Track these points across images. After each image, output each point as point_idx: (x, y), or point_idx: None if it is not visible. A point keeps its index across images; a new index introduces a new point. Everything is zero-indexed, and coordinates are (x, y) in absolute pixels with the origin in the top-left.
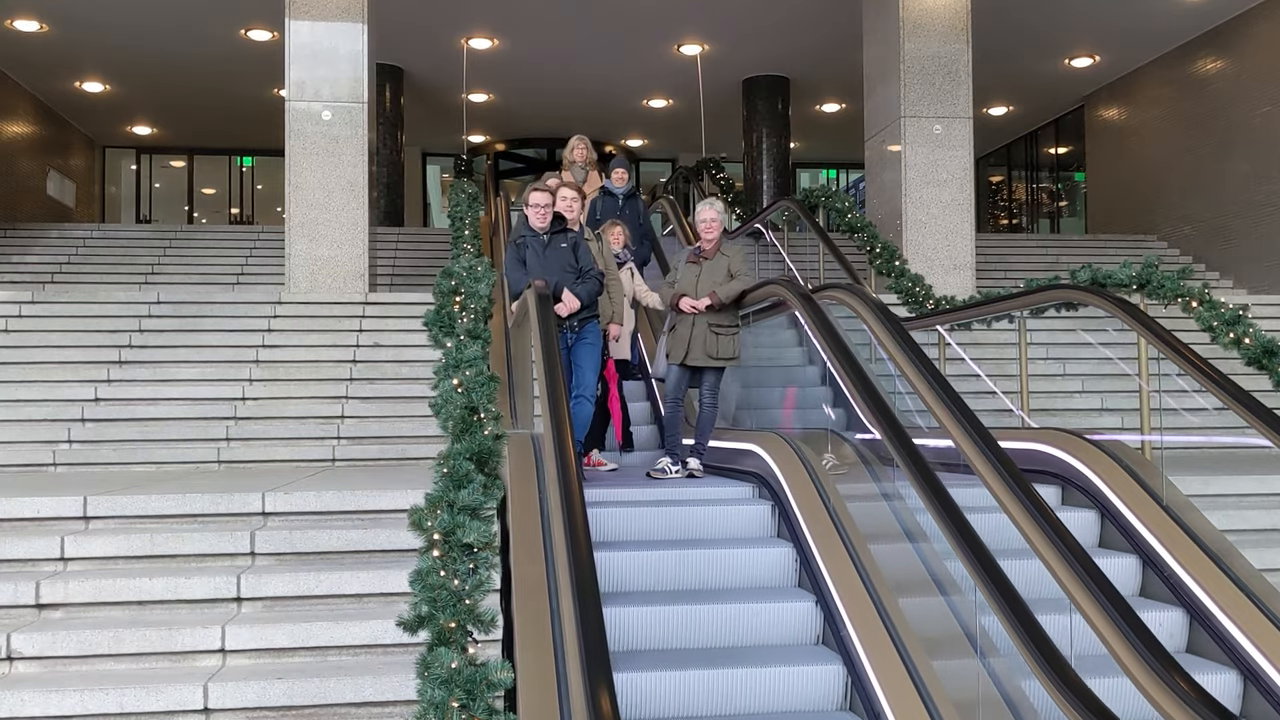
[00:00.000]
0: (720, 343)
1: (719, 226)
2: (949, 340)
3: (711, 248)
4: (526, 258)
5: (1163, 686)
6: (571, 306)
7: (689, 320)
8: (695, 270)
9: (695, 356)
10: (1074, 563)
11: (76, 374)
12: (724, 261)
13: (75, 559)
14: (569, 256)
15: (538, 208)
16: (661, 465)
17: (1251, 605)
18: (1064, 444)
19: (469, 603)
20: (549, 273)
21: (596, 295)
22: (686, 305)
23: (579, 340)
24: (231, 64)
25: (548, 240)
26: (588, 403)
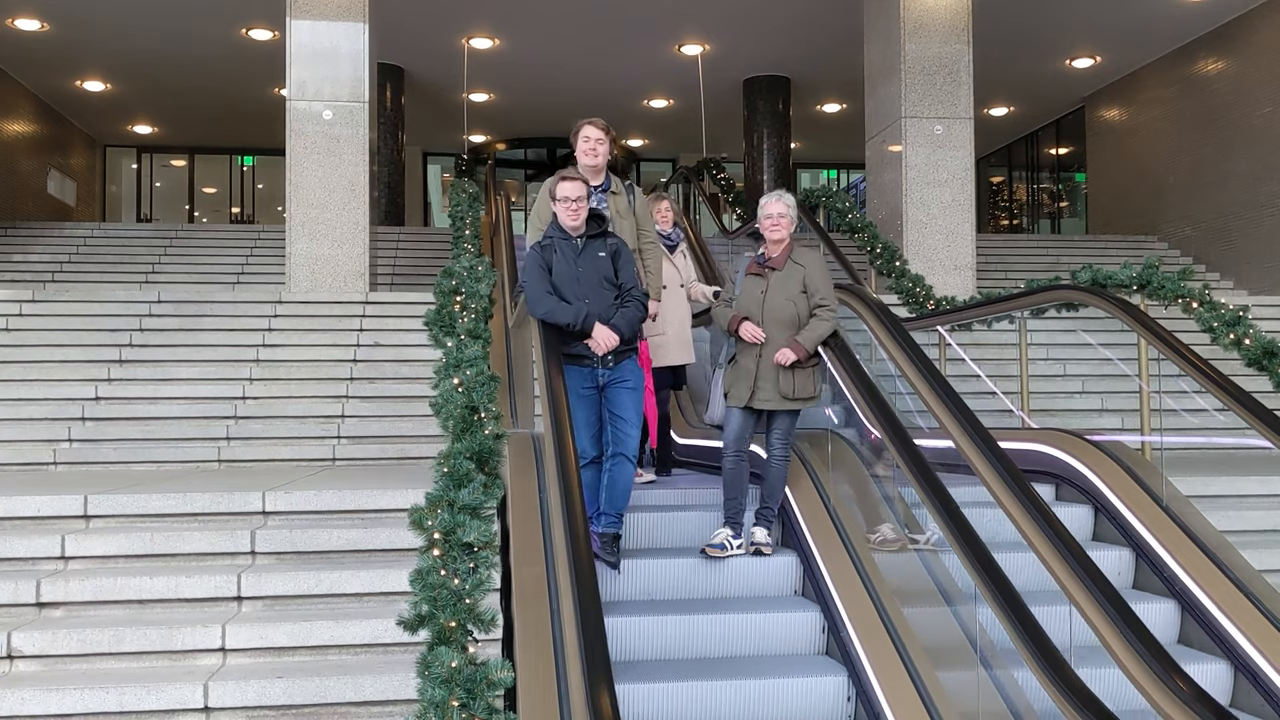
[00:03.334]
0: (798, 378)
1: (789, 225)
2: (949, 340)
3: (780, 255)
4: (554, 265)
5: (1156, 680)
6: (608, 344)
7: (753, 350)
8: (759, 285)
9: (764, 397)
10: (1074, 562)
11: (77, 373)
12: (797, 274)
13: (76, 558)
14: (607, 268)
15: (568, 202)
16: (719, 539)
17: (1245, 599)
18: (1064, 444)
19: (469, 602)
20: (582, 288)
21: (640, 324)
22: (749, 334)
23: (614, 382)
24: (232, 63)
25: (581, 246)
26: (629, 464)
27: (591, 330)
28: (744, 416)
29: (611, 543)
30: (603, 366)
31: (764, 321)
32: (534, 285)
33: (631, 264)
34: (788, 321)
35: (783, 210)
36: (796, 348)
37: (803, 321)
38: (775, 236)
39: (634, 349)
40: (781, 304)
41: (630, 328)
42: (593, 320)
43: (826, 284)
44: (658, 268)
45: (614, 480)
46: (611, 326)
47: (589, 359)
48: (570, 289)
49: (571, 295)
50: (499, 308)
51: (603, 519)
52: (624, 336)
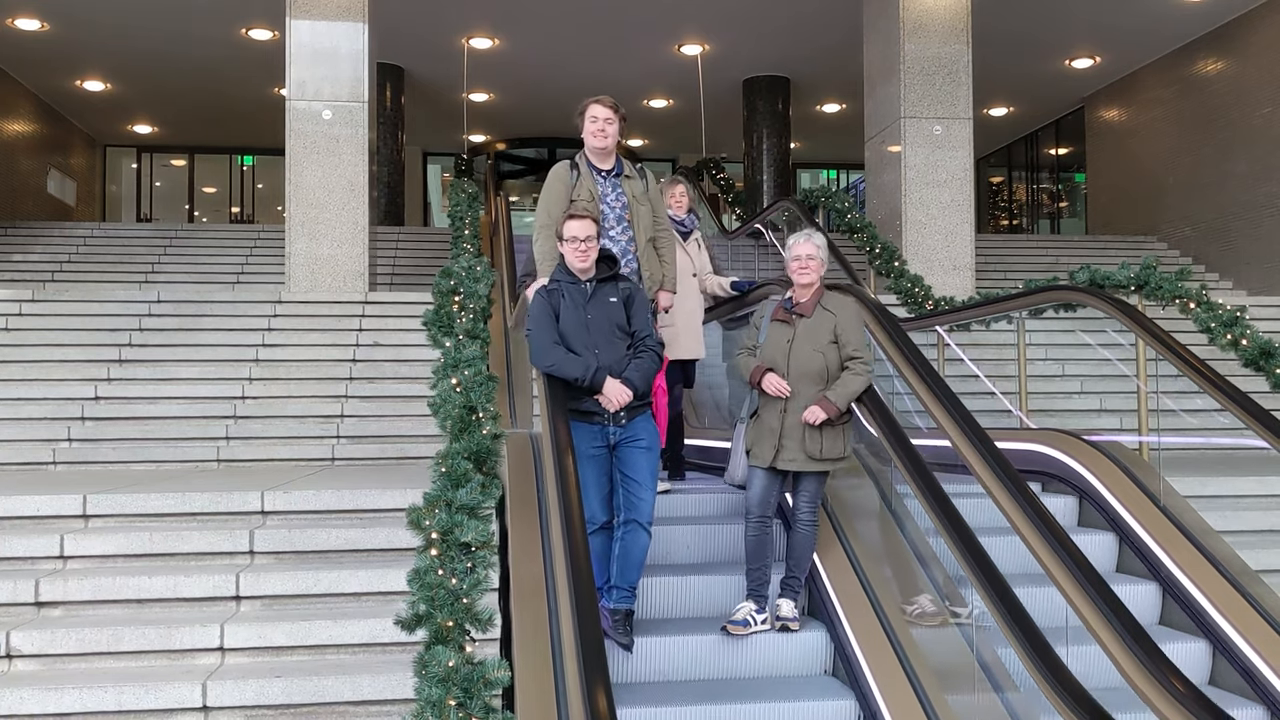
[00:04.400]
0: (827, 437)
1: (820, 268)
2: (948, 341)
3: (809, 300)
4: (561, 311)
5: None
6: (620, 400)
7: (777, 405)
8: (786, 332)
9: (789, 457)
10: (1075, 565)
11: (76, 373)
12: (827, 322)
13: (74, 557)
14: (619, 314)
15: (576, 242)
16: (742, 614)
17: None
18: (1062, 445)
19: (466, 601)
20: (592, 337)
21: (655, 376)
22: (773, 387)
23: (627, 441)
24: (232, 63)
25: (591, 290)
26: (643, 532)
27: (602, 385)
28: (768, 478)
29: (624, 620)
30: (614, 424)
31: (790, 374)
32: (539, 334)
33: (646, 309)
34: (816, 375)
35: (812, 252)
36: (826, 406)
37: (832, 375)
38: (804, 280)
39: (647, 403)
40: (809, 355)
41: (645, 381)
42: (603, 374)
43: (860, 334)
44: (673, 258)
45: (626, 550)
46: (624, 380)
47: (599, 416)
48: (578, 338)
49: (580, 345)
50: (498, 307)
51: (614, 593)
52: (637, 391)
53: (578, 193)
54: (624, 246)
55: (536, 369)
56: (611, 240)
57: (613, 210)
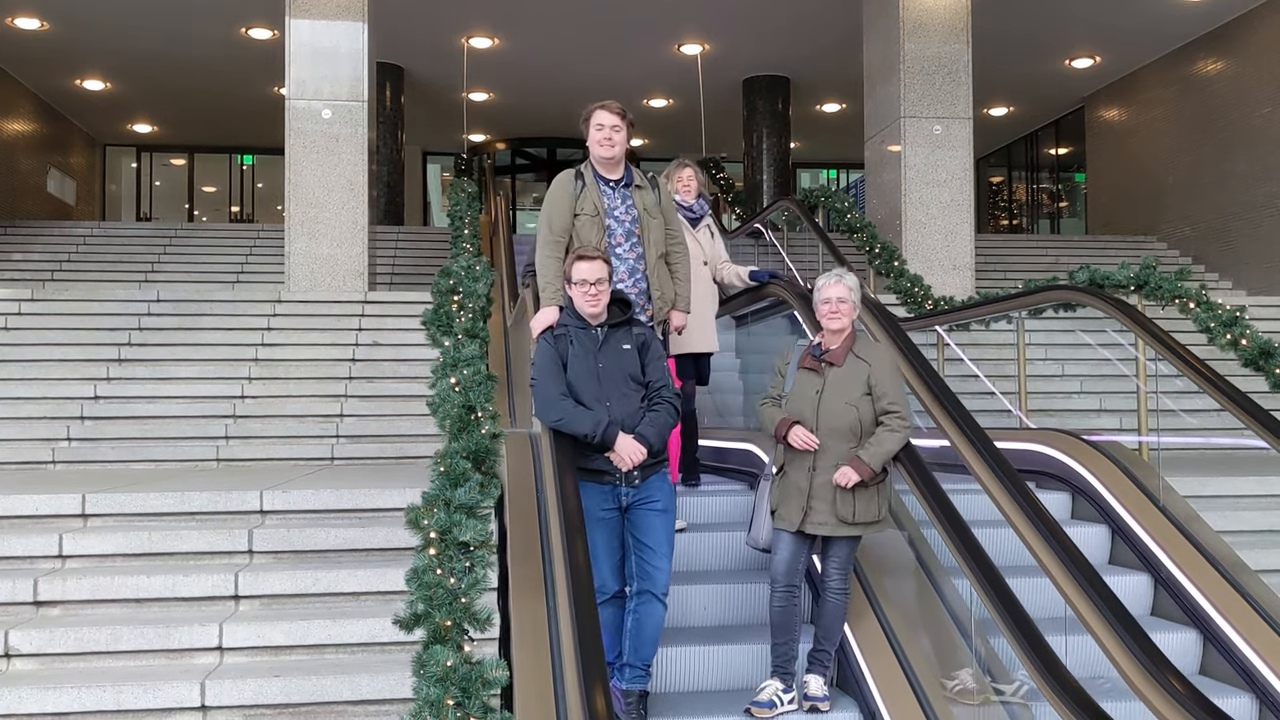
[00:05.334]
0: (860, 499)
1: (852, 312)
2: (948, 340)
3: (840, 348)
4: (569, 359)
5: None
6: (634, 458)
7: (805, 462)
8: (814, 383)
9: (819, 520)
10: (1074, 567)
11: (76, 372)
12: (860, 372)
13: (73, 556)
14: (632, 363)
15: (586, 285)
16: (767, 695)
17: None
18: (1062, 444)
19: (465, 601)
20: (603, 388)
21: (671, 430)
22: (800, 441)
23: (641, 502)
24: (232, 62)
25: (602, 337)
26: (658, 604)
27: (614, 441)
28: (795, 543)
29: (638, 703)
30: (627, 484)
31: (819, 428)
32: (545, 386)
33: (662, 357)
34: (847, 430)
35: (843, 295)
36: (859, 466)
37: (866, 430)
38: (834, 326)
39: (663, 461)
40: (840, 409)
41: (661, 437)
42: (615, 430)
43: (897, 385)
44: (687, 275)
45: (640, 624)
46: (637, 436)
47: (610, 475)
48: (588, 388)
49: (589, 396)
50: (497, 307)
51: (627, 671)
52: (652, 449)
53: (582, 205)
54: (632, 264)
55: (541, 423)
56: (619, 257)
57: (621, 224)
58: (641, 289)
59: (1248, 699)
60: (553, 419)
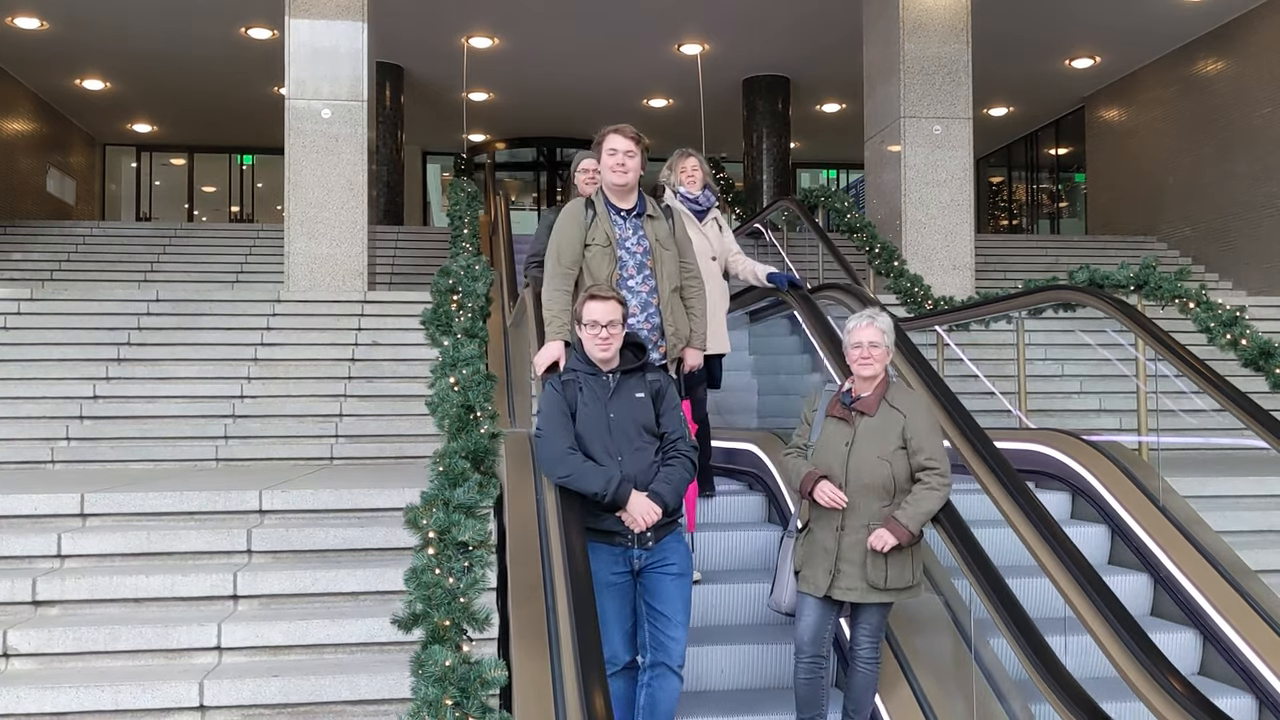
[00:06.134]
0: (893, 563)
1: (885, 357)
2: (947, 340)
3: (872, 396)
4: (578, 408)
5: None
6: (647, 519)
7: (833, 520)
8: (843, 434)
9: (847, 585)
10: (1075, 567)
11: (75, 371)
12: (894, 423)
13: (72, 556)
14: (646, 413)
15: (597, 328)
16: None
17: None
18: (1061, 444)
19: (464, 601)
20: (615, 441)
21: (687, 486)
22: (826, 498)
23: (655, 566)
24: (232, 62)
25: (614, 384)
26: (674, 678)
27: (626, 500)
28: (822, 609)
29: None
30: (639, 546)
31: (848, 484)
32: (552, 439)
33: (678, 406)
34: (879, 486)
35: (875, 338)
36: (896, 530)
37: (899, 487)
38: (866, 372)
39: (678, 520)
40: (872, 464)
41: (677, 495)
42: (627, 488)
43: (936, 438)
44: (703, 310)
45: (654, 701)
46: (651, 494)
47: (621, 536)
48: (598, 441)
49: (599, 449)
50: (496, 306)
51: None
52: (668, 508)
53: (593, 235)
54: (645, 297)
55: (547, 479)
56: (630, 290)
57: (633, 256)
58: (654, 324)
59: (1248, 699)
60: (560, 475)
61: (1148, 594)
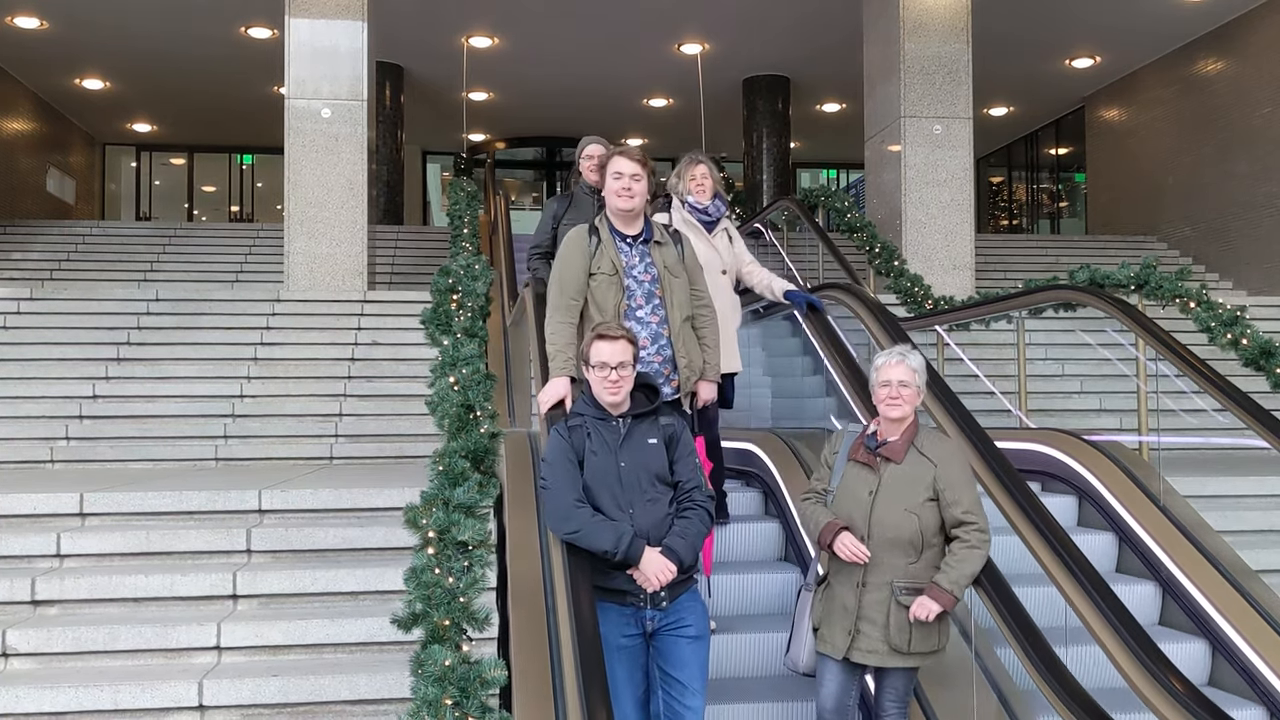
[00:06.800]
0: (919, 627)
1: (915, 399)
2: (948, 340)
3: (900, 441)
4: (586, 457)
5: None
6: (661, 577)
7: (854, 575)
8: (867, 480)
9: (868, 648)
10: (1075, 566)
11: (75, 371)
12: (924, 472)
13: (71, 555)
14: (659, 461)
15: (606, 370)
16: None
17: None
18: (1062, 444)
19: (463, 600)
20: (625, 492)
21: (704, 539)
22: (847, 552)
23: (669, 628)
24: (231, 62)
25: (625, 430)
26: None
27: (639, 558)
28: (843, 674)
29: None
30: (653, 607)
31: (871, 537)
32: (558, 492)
33: (693, 452)
34: (905, 541)
35: (905, 378)
36: (940, 595)
37: (928, 541)
38: (894, 414)
39: (693, 577)
40: (898, 516)
41: (693, 551)
42: (640, 545)
43: (972, 490)
44: (716, 340)
45: None
46: (665, 550)
47: (633, 596)
48: (607, 492)
49: (609, 501)
50: (496, 306)
51: None
52: (683, 565)
53: (598, 263)
54: (655, 328)
55: (554, 535)
56: (640, 322)
57: (640, 285)
58: (666, 356)
59: (1259, 711)
60: (567, 531)
61: (1156, 602)
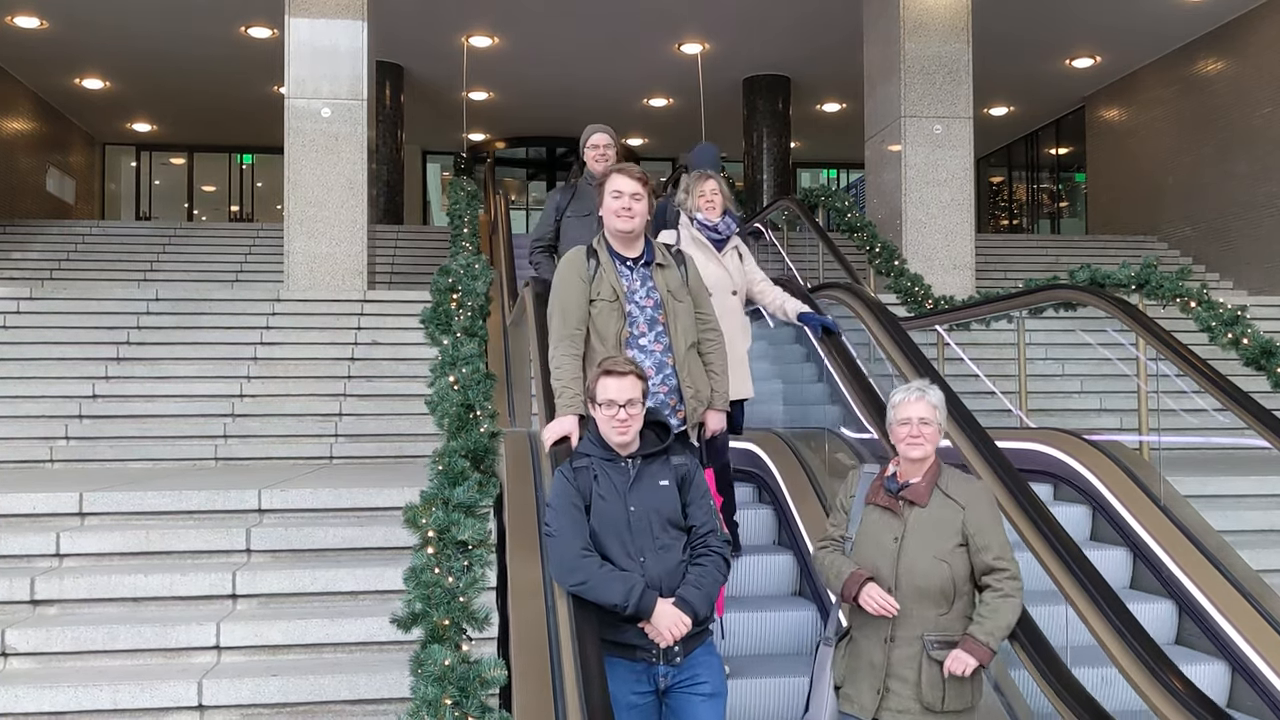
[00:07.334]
0: (952, 681)
1: (937, 437)
2: (948, 340)
3: (924, 483)
4: (593, 502)
5: (1152, 681)
6: (675, 631)
7: (881, 629)
8: (891, 526)
9: (898, 707)
10: (1074, 565)
11: (74, 370)
12: (952, 516)
13: (70, 555)
14: (670, 504)
15: (614, 408)
16: None
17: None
18: (1062, 444)
19: (463, 600)
20: (635, 539)
21: (720, 588)
22: (874, 605)
23: (683, 685)
24: (231, 61)
25: (634, 471)
26: None
27: (651, 611)
28: None
29: None
30: (665, 662)
31: (899, 588)
32: (563, 539)
33: (707, 494)
34: (936, 591)
35: (926, 414)
36: (976, 649)
37: (960, 590)
38: (915, 454)
39: (708, 628)
40: (928, 565)
41: (708, 602)
42: (652, 596)
43: (1001, 532)
44: (724, 367)
45: None
46: (679, 601)
47: (645, 650)
48: (616, 539)
49: (618, 548)
50: (496, 305)
51: None
52: (699, 617)
53: (598, 289)
54: (659, 357)
55: (559, 586)
56: (643, 350)
57: (643, 311)
58: (671, 386)
59: None
60: (573, 583)
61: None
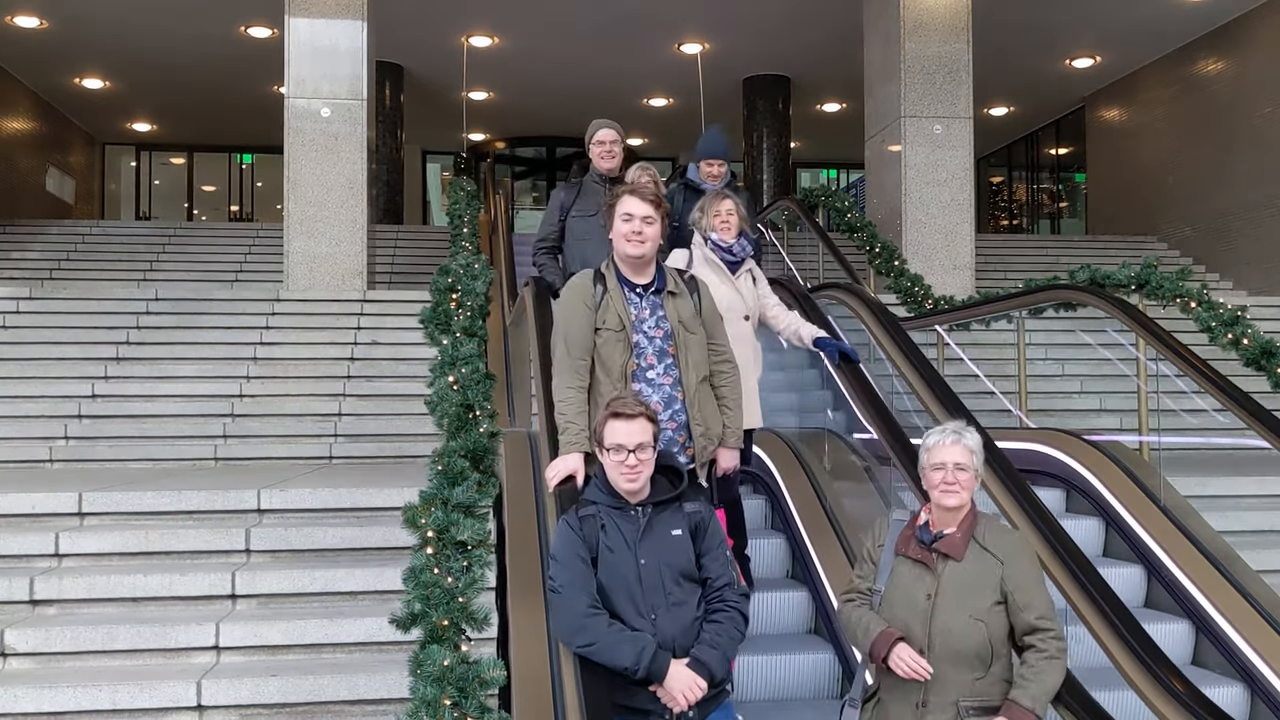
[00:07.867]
0: None
1: (973, 484)
2: (948, 340)
3: (960, 534)
4: (599, 554)
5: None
6: (690, 695)
7: (911, 695)
8: (924, 582)
9: None
10: (1075, 567)
11: (74, 370)
12: (990, 571)
13: (70, 555)
14: (683, 555)
15: (623, 454)
16: None
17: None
18: (1062, 444)
19: (462, 600)
20: (646, 595)
21: (737, 645)
22: (906, 668)
23: None
24: (231, 61)
25: (645, 520)
26: None
27: (664, 674)
28: None
29: None
30: None
31: (932, 648)
32: (570, 599)
33: (722, 543)
34: (972, 654)
35: (963, 460)
36: (1021, 716)
37: (997, 652)
38: (950, 502)
39: (725, 689)
40: (964, 625)
41: (725, 662)
42: (665, 658)
43: (1044, 589)
44: (738, 401)
45: None
46: (693, 662)
47: (657, 716)
48: (624, 594)
49: (627, 605)
50: (496, 305)
51: None
52: (715, 679)
53: (604, 317)
54: (669, 391)
55: (564, 648)
56: (650, 384)
57: (651, 342)
58: (680, 423)
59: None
60: (580, 645)
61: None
